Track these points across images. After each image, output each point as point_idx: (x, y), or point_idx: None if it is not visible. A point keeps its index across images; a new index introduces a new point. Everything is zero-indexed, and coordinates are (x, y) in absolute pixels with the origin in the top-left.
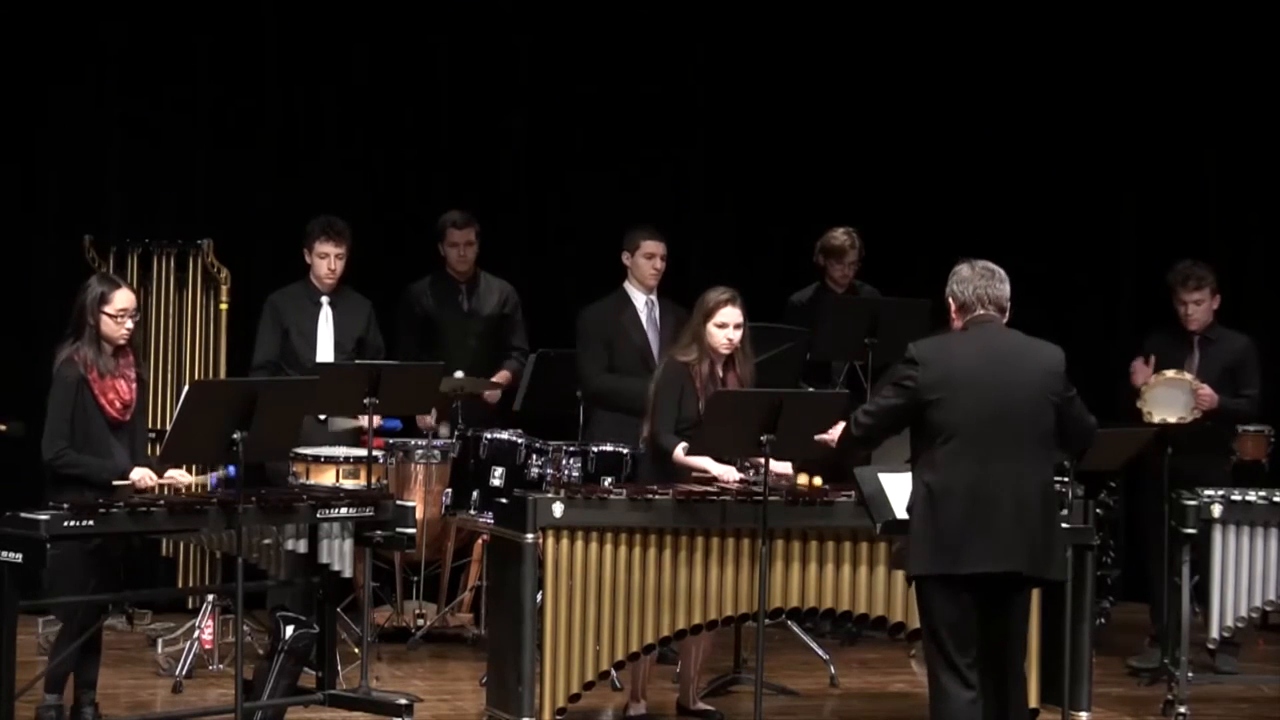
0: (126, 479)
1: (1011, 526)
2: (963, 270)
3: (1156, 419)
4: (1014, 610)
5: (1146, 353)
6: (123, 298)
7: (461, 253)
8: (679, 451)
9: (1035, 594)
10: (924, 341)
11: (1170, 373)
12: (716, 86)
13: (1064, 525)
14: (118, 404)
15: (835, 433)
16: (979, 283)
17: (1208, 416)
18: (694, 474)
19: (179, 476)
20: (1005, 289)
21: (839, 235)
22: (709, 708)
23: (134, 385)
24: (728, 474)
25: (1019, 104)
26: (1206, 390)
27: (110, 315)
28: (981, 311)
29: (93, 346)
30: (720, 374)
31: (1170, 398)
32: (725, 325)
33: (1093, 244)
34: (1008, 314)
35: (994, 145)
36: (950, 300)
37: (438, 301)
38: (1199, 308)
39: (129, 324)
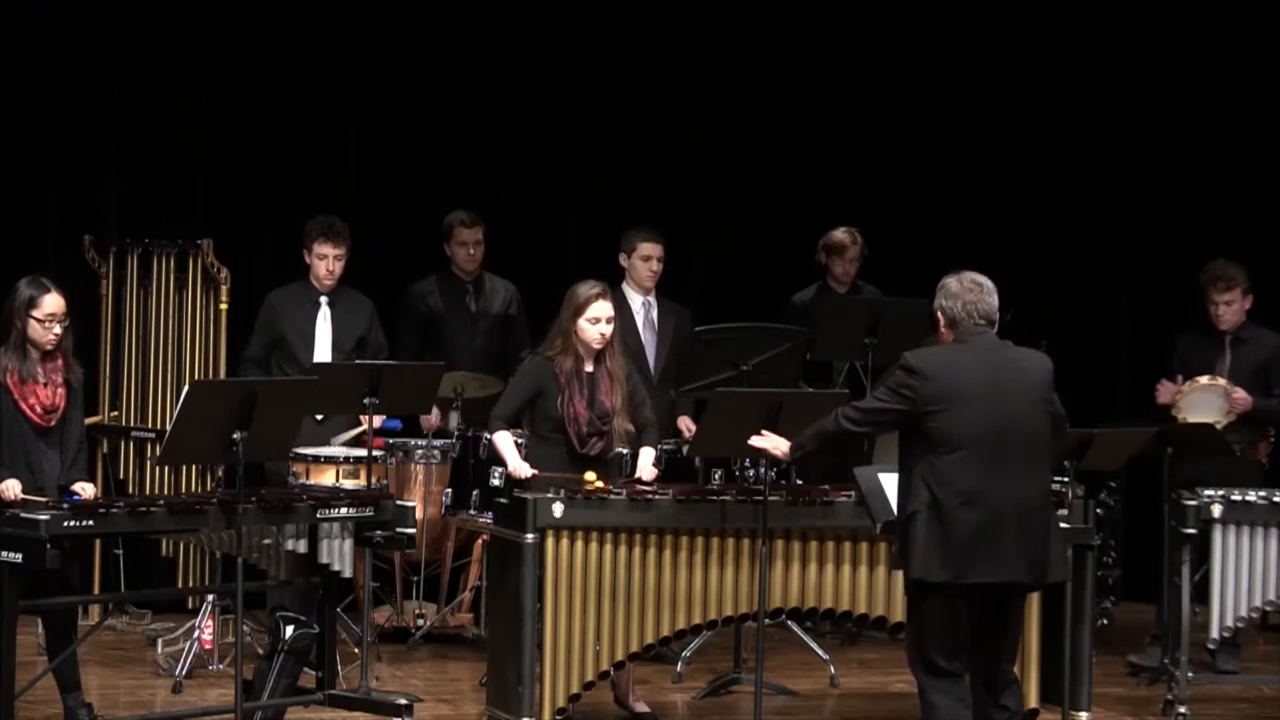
0: None
1: (1015, 537)
2: (951, 285)
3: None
4: (1010, 617)
5: (1178, 355)
6: (51, 302)
7: (470, 252)
8: (496, 437)
9: (1034, 595)
10: (924, 352)
11: (1204, 379)
12: (718, 86)
13: (1064, 525)
14: (39, 409)
15: (774, 447)
16: (969, 298)
17: (1242, 419)
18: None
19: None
20: (994, 301)
21: (840, 233)
22: (647, 709)
23: (61, 390)
24: (521, 470)
25: (1020, 105)
26: (1240, 394)
27: (38, 320)
28: (970, 325)
29: (17, 351)
30: (588, 369)
31: (1205, 403)
32: (598, 320)
33: (1092, 243)
34: (996, 325)
35: (995, 146)
36: (940, 315)
37: (444, 302)
38: (1230, 308)
39: (57, 329)
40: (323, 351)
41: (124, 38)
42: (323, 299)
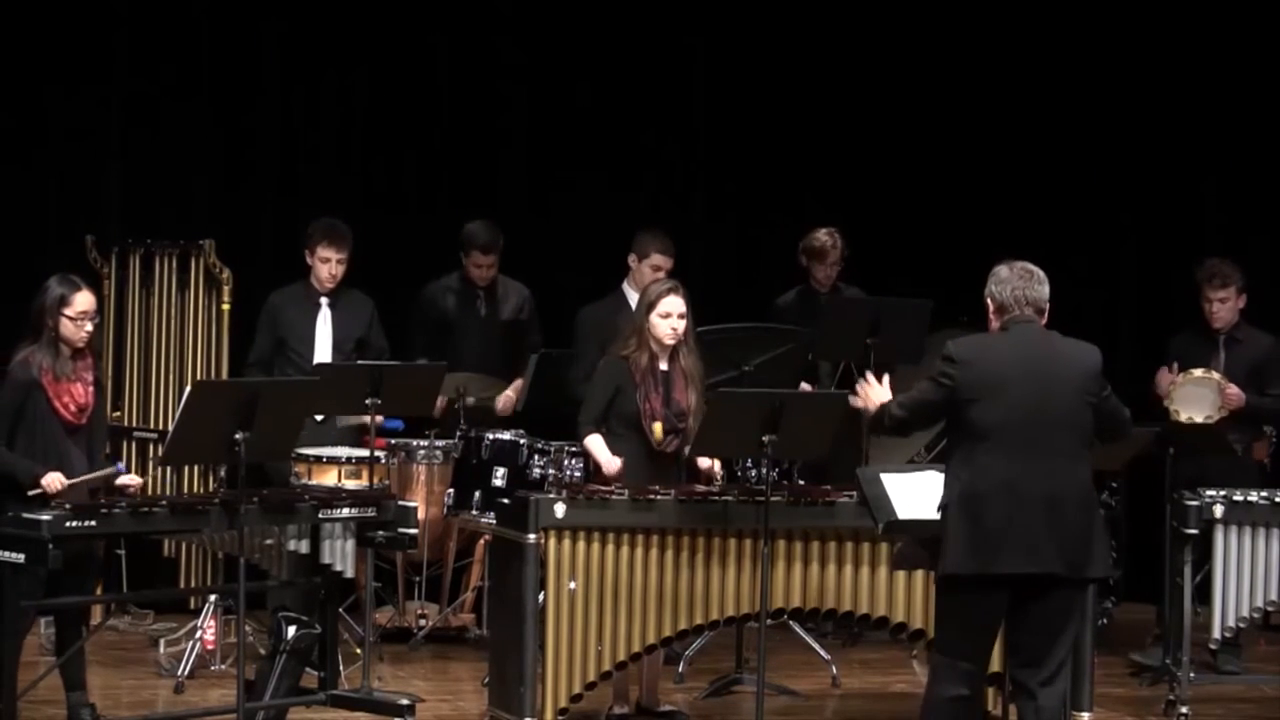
0: (39, 486)
1: (1047, 527)
2: (1001, 271)
3: (1184, 417)
4: (1053, 609)
5: (1172, 353)
6: (83, 300)
7: (485, 273)
8: (587, 440)
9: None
10: (964, 340)
11: (1198, 372)
12: (716, 87)
13: None
14: (72, 407)
15: (872, 400)
16: (1017, 284)
17: (1235, 415)
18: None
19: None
20: (1044, 290)
21: (821, 236)
22: (672, 707)
23: (91, 389)
24: (611, 465)
25: (1015, 105)
26: (1234, 389)
27: (70, 318)
28: (1019, 313)
29: (50, 349)
30: (663, 367)
31: (1197, 396)
32: (669, 315)
33: (1092, 243)
34: (1046, 315)
35: (993, 147)
36: (989, 301)
37: (457, 304)
38: (1224, 306)
39: (89, 326)
40: (323, 352)
41: (126, 38)
42: (323, 300)
